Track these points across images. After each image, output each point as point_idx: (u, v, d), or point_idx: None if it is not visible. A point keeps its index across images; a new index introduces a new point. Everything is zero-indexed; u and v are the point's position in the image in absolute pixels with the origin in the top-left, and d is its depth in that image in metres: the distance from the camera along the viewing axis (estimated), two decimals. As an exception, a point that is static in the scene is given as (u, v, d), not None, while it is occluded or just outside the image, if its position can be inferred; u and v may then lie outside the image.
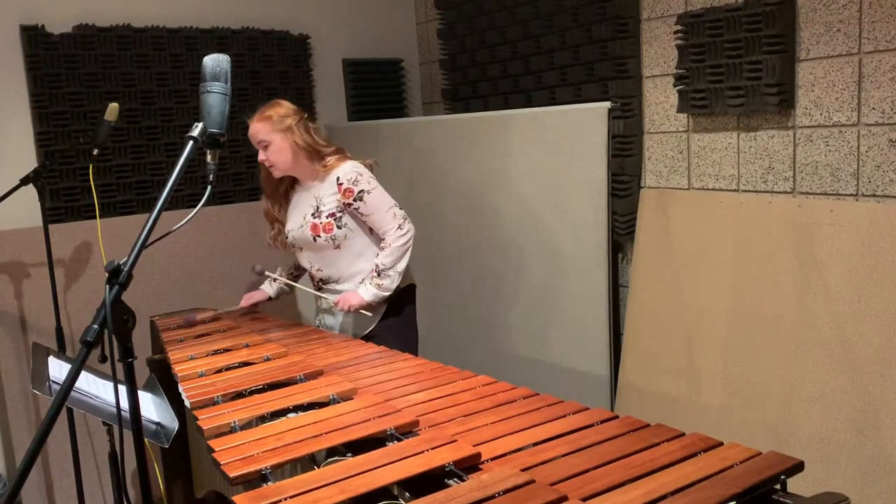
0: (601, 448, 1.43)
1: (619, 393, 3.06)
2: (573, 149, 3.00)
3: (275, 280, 2.94)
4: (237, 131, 3.76)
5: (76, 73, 3.33)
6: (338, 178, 2.61)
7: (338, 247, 2.67)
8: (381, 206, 2.63)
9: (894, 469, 2.22)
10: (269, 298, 3.00)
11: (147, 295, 3.48)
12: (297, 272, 2.98)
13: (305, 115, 2.71)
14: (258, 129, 2.63)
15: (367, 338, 2.67)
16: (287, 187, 2.80)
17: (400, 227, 2.62)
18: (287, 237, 2.78)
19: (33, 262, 3.24)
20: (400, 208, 2.66)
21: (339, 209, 2.63)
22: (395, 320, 2.75)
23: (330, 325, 2.83)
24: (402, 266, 2.63)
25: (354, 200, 2.60)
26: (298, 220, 2.72)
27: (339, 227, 2.64)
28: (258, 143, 2.64)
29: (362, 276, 2.69)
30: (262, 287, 3.01)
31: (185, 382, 1.99)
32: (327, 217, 2.63)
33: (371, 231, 2.69)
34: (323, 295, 2.77)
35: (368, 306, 2.63)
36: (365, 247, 2.70)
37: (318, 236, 2.65)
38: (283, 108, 2.66)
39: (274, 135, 2.61)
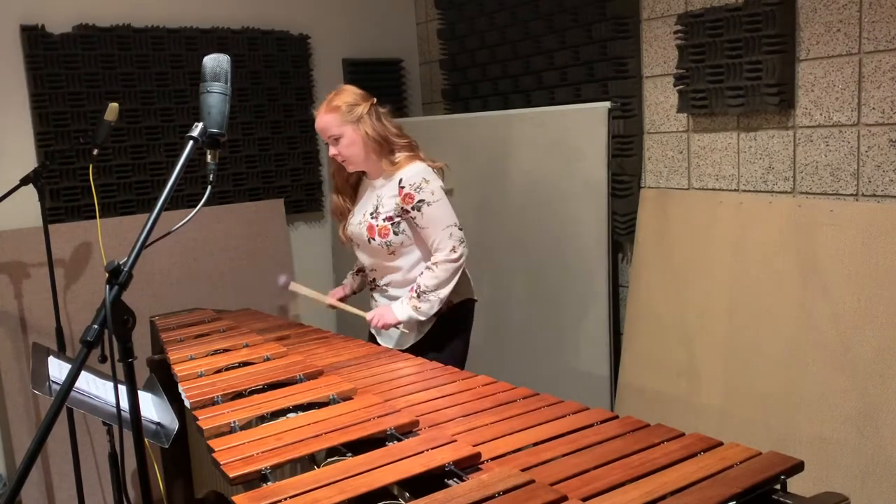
0: (601, 448, 1.43)
1: (619, 393, 3.06)
2: (573, 149, 3.00)
3: (295, 292, 2.74)
4: (237, 131, 3.76)
5: (76, 73, 3.33)
6: (400, 181, 2.41)
7: (392, 253, 2.48)
8: (440, 222, 2.41)
9: (894, 469, 2.22)
10: (354, 292, 2.81)
11: (147, 295, 3.48)
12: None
13: (374, 101, 2.47)
14: (328, 121, 2.42)
15: (412, 351, 2.44)
16: (357, 179, 2.62)
17: (453, 249, 2.41)
18: (347, 230, 2.60)
19: (33, 262, 3.24)
20: (459, 228, 2.45)
21: (396, 213, 2.43)
22: (443, 337, 2.54)
23: (377, 331, 2.63)
24: (444, 292, 2.42)
25: (412, 209, 2.40)
26: (359, 216, 2.54)
27: (395, 234, 2.45)
28: (328, 138, 2.44)
29: None
30: (345, 282, 2.83)
31: (185, 382, 1.99)
32: (384, 220, 2.45)
33: None
34: (355, 311, 2.60)
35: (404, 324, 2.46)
36: (422, 258, 2.51)
37: (373, 239, 2.47)
38: (351, 95, 2.44)
39: (345, 127, 2.40)
